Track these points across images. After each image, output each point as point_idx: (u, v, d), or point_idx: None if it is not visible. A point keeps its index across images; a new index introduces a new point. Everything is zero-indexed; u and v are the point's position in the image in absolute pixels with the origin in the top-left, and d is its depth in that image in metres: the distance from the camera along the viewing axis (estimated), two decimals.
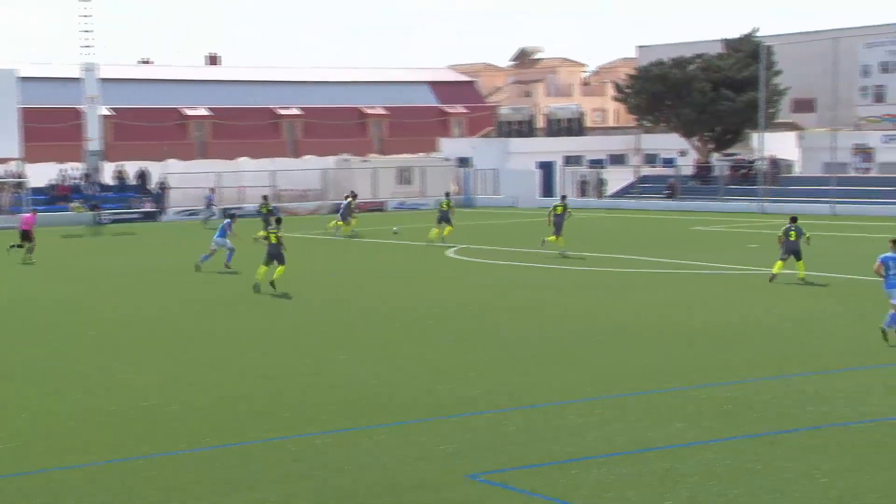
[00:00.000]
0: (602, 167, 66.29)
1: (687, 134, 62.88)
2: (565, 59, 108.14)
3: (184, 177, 58.98)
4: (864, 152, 59.02)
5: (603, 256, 34.38)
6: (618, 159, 70.36)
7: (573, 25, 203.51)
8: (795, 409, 14.38)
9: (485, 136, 79.18)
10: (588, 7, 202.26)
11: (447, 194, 44.00)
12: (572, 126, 71.96)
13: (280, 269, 26.78)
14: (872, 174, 57.54)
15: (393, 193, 64.83)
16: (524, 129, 71.76)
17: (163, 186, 58.12)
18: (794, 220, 28.93)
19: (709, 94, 60.43)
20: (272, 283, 26.66)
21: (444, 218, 40.32)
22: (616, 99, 68.14)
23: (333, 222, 45.07)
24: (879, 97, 60.48)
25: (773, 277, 27.73)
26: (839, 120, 57.18)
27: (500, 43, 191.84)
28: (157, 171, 59.95)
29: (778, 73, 60.99)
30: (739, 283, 27.62)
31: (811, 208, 50.72)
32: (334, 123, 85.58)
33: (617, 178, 64.44)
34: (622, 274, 30.06)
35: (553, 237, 35.86)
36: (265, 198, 45.18)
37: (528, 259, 34.09)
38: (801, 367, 17.02)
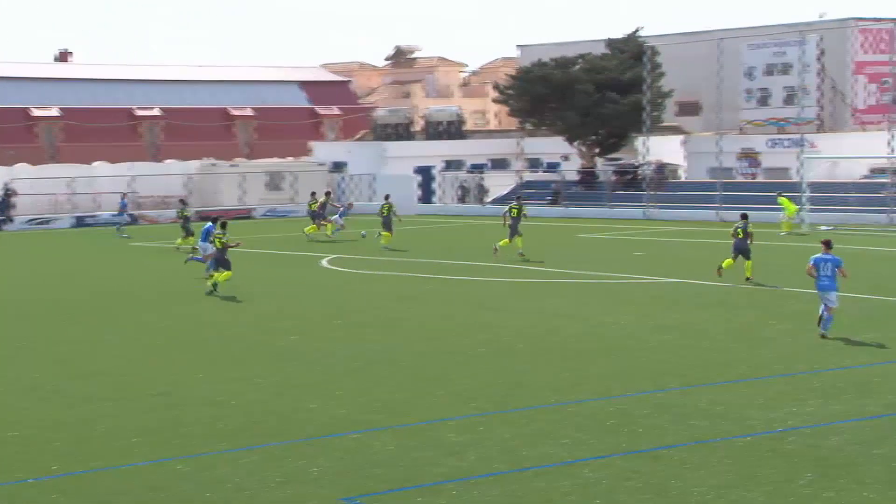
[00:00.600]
0: (483, 172, 66.85)
1: (571, 137, 63.80)
2: (444, 59, 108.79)
3: (32, 183, 57.55)
4: (750, 157, 60.65)
5: (484, 266, 34.67)
6: (499, 164, 71.03)
7: (452, 23, 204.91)
8: (678, 423, 14.73)
9: (360, 139, 79.12)
10: (467, 4, 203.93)
11: (387, 197, 44.69)
12: (452, 129, 72.39)
13: (226, 273, 28.24)
14: (759, 179, 59.17)
15: (262, 200, 64.37)
16: (401, 131, 71.92)
17: (8, 193, 56.65)
18: (744, 217, 29.83)
19: (593, 97, 61.43)
20: (214, 285, 28.24)
21: (386, 223, 41.32)
22: (497, 101, 68.78)
23: (310, 227, 44.09)
24: (764, 100, 62.24)
25: (720, 270, 29.12)
26: (724, 123, 58.67)
27: (376, 41, 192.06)
28: (3, 176, 58.44)
29: (662, 74, 62.30)
30: (624, 292, 28.15)
31: (697, 214, 51.94)
32: (198, 125, 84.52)
33: (499, 184, 65.05)
34: (503, 284, 30.37)
35: (506, 241, 36.49)
36: (183, 202, 44.30)
37: (405, 269, 34.22)
38: (682, 381, 17.44)
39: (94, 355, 20.44)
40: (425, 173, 66.56)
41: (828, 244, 21.23)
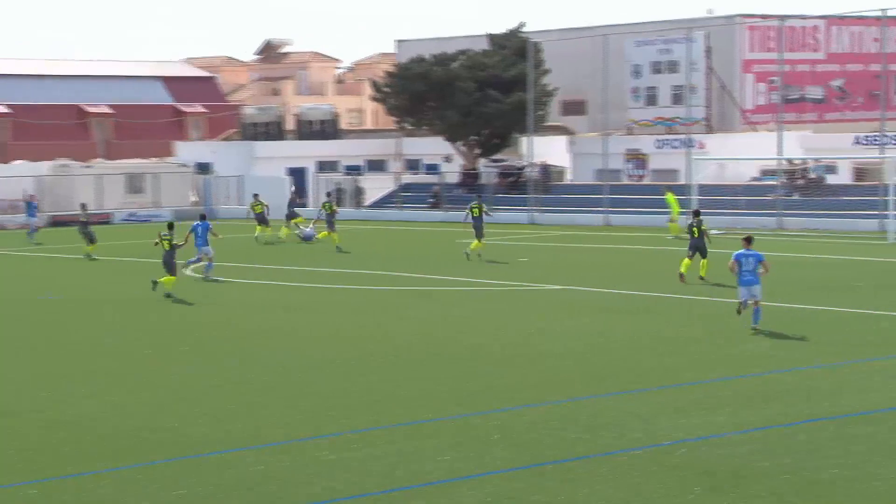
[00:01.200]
0: (360, 174, 66.76)
1: (451, 138, 64.10)
2: (317, 54, 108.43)
3: None
4: (638, 158, 61.64)
5: (362, 273, 34.61)
6: (377, 165, 71.00)
7: (325, 17, 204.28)
8: (584, 434, 14.85)
9: (227, 138, 78.38)
10: None
11: (328, 195, 45.75)
12: (326, 128, 72.16)
13: (171, 278, 29.51)
14: (647, 181, 60.14)
15: (122, 204, 63.32)
16: (272, 131, 71.44)
17: None
18: (696, 214, 30.66)
19: (474, 95, 61.80)
20: (155, 283, 29.45)
21: (329, 223, 42.67)
22: (374, 99, 68.80)
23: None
24: (651, 99, 63.31)
25: (682, 277, 29.46)
26: (611, 123, 59.53)
27: (244, 35, 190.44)
28: None
29: (546, 72, 62.97)
30: (509, 299, 28.33)
31: (584, 218, 52.60)
32: (50, 123, 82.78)
33: (376, 186, 65.04)
34: (382, 292, 30.34)
35: (476, 243, 37.48)
36: (83, 206, 44.64)
37: (278, 277, 33.96)
38: (589, 390, 17.58)
39: None
40: (298, 175, 66.20)
41: (749, 240, 22.97)
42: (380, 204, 63.50)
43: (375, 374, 19.14)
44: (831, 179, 53.34)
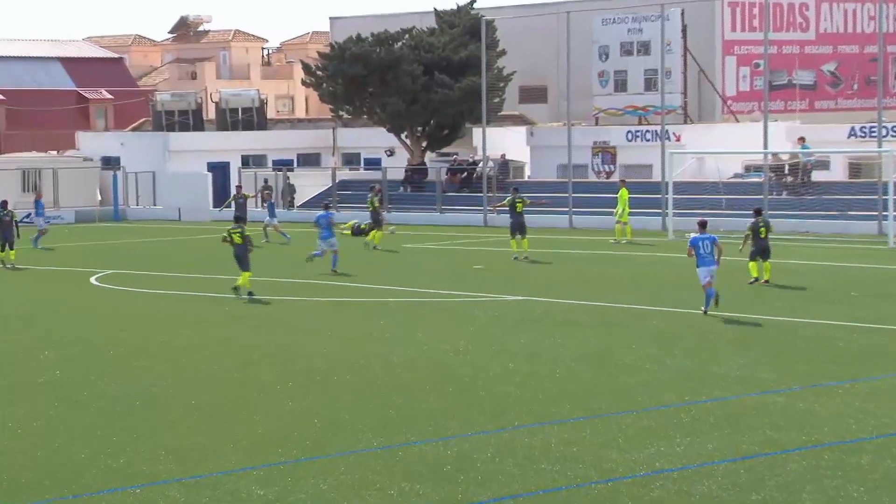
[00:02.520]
0: (290, 169, 66.66)
1: (395, 129, 64.16)
2: (240, 33, 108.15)
3: None
4: (606, 152, 61.97)
5: (293, 282, 34.59)
6: (310, 159, 70.92)
7: None
8: (525, 467, 14.95)
9: (137, 128, 77.98)
10: None
11: (373, 188, 48.11)
12: (251, 117, 71.99)
13: (247, 274, 30.89)
14: (616, 178, 60.46)
15: (16, 204, 62.61)
16: (189, 120, 71.18)
17: None
18: (759, 212, 32.38)
19: (420, 80, 61.93)
20: (236, 288, 30.67)
21: (374, 218, 44.26)
22: (306, 84, 68.64)
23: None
24: (621, 85, 63.61)
25: (754, 281, 31.27)
26: (575, 112, 59.80)
27: (155, 10, 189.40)
28: None
29: (502, 54, 63.18)
30: (461, 312, 28.44)
31: (546, 220, 52.81)
32: None
33: (309, 184, 64.97)
34: (316, 304, 30.39)
35: (518, 240, 39.40)
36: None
37: (193, 287, 33.91)
38: (529, 417, 17.69)
39: None
40: (220, 171, 65.96)
41: (703, 224, 27.92)
42: (313, 203, 63.39)
43: (311, 398, 19.16)
44: (823, 176, 53.84)
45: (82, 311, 29.63)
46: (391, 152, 67.34)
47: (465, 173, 61.84)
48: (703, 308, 26.87)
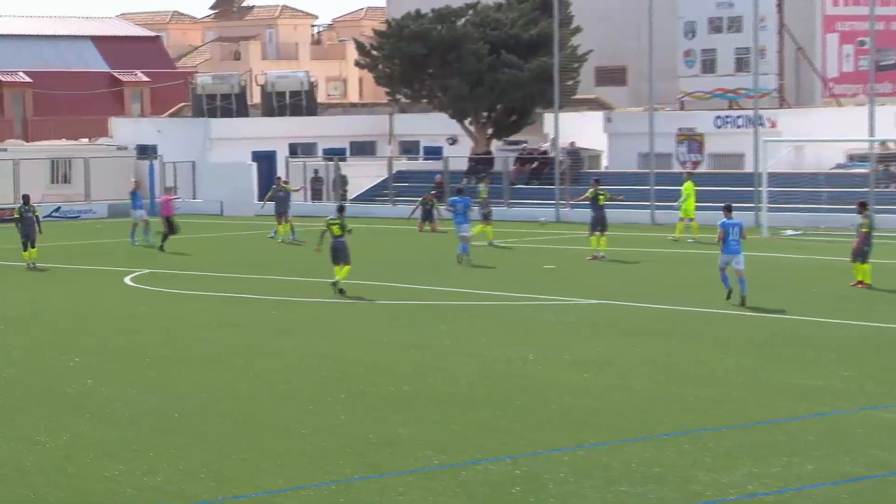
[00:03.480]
0: (342, 159, 66.82)
1: (458, 114, 64.12)
2: (287, 8, 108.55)
3: None
4: (692, 139, 61.61)
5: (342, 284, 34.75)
6: (364, 148, 71.03)
7: None
8: (602, 489, 14.87)
9: (176, 114, 78.46)
10: None
11: (483, 177, 48.68)
12: (300, 102, 72.25)
13: (346, 267, 31.90)
14: (703, 169, 60.10)
15: (44, 196, 63.34)
16: (232, 105, 71.52)
17: None
18: (863, 205, 32.55)
19: (486, 60, 61.83)
20: (334, 284, 31.59)
21: (485, 214, 45.02)
22: (360, 65, 68.78)
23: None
24: (709, 65, 63.23)
25: (857, 283, 31.51)
26: (658, 96, 59.49)
27: None
28: None
29: (577, 31, 63.00)
30: (529, 317, 28.37)
31: (626, 215, 52.53)
32: None
33: (363, 175, 65.06)
34: (368, 307, 30.42)
35: (597, 238, 39.85)
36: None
37: (234, 288, 34.05)
38: (607, 434, 17.60)
39: None
40: (265, 161, 66.21)
41: (729, 208, 30.07)
42: (367, 197, 63.53)
43: (362, 412, 19.16)
44: None
45: (115, 315, 29.81)
46: (453, 140, 67.30)
47: (536, 163, 61.69)
48: (726, 291, 28.98)
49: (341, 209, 33.67)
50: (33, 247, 39.85)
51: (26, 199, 41.43)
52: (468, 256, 38.24)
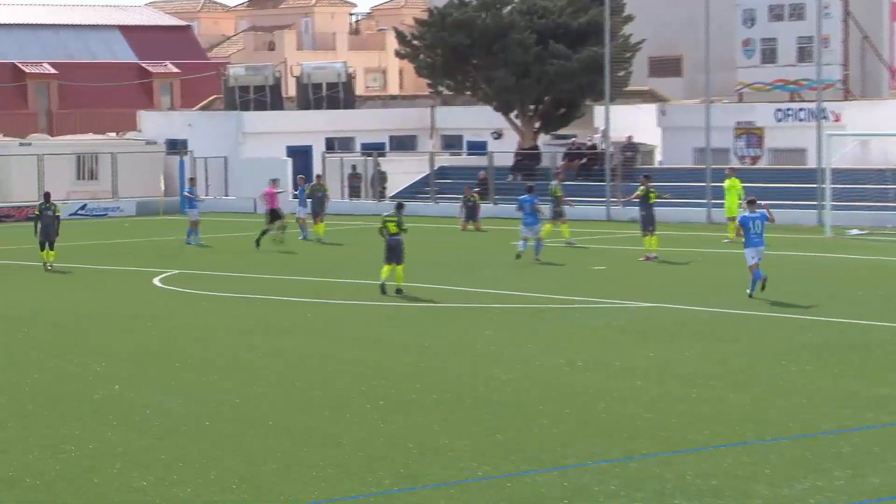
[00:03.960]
0: (381, 154, 66.89)
1: (503, 107, 64.08)
2: None
3: None
4: (751, 133, 61.39)
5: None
6: (404, 143, 71.06)
7: None
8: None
9: (207, 107, 78.71)
10: None
11: (556, 174, 49.30)
12: (337, 94, 72.35)
13: (399, 267, 32.20)
14: (763, 165, 59.91)
15: (69, 193, 63.70)
16: (266, 97, 71.70)
17: None
18: None
19: (533, 50, 61.77)
20: (398, 290, 31.91)
21: (556, 212, 44.83)
22: (400, 55, 68.86)
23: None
24: (769, 55, 62.93)
25: None
26: (715, 87, 59.31)
27: None
28: None
29: (629, 19, 62.85)
30: (578, 321, 28.34)
31: (679, 214, 52.39)
32: None
33: (403, 171, 65.07)
34: (407, 309, 30.44)
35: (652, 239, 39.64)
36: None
37: (270, 290, 34.14)
38: (660, 444, 17.57)
39: None
40: (301, 156, 66.32)
41: (753, 202, 31.21)
42: (407, 194, 63.52)
43: (402, 420, 19.18)
44: None
45: (143, 317, 29.91)
46: (498, 134, 67.23)
47: (585, 159, 61.55)
48: (748, 291, 30.04)
49: (400, 206, 33.87)
50: (51, 248, 39.46)
51: (47, 196, 41.43)
52: (540, 254, 38.77)
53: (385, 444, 17.79)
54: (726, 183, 46.54)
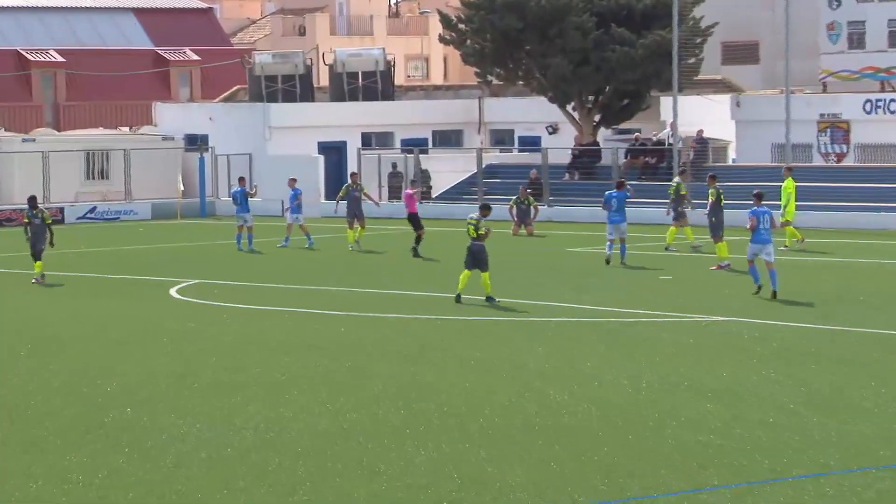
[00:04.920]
0: (424, 151, 66.92)
1: (559, 98, 64.06)
2: None
3: None
4: (837, 127, 61.11)
5: (431, 296, 34.73)
6: (449, 138, 71.09)
7: None
8: None
9: (230, 98, 78.97)
10: None
11: (682, 171, 50.46)
12: (374, 84, 72.43)
13: (485, 274, 33.13)
14: (849, 163, 59.65)
15: (77, 194, 64.02)
16: (295, 87, 71.86)
17: None
18: None
19: (592, 35, 61.75)
20: (488, 297, 32.79)
21: (679, 208, 45.86)
22: (444, 41, 68.93)
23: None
24: (857, 40, 62.75)
25: None
26: (796, 76, 59.18)
27: None
28: None
29: (700, 0, 62.73)
30: (641, 336, 28.31)
31: None
32: None
33: (448, 169, 65.09)
34: (452, 323, 30.52)
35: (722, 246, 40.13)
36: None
37: (299, 301, 34.22)
38: (733, 475, 17.54)
39: None
40: (334, 153, 66.46)
41: (760, 196, 33.73)
42: (453, 195, 63.56)
43: (446, 445, 19.19)
44: None
45: (158, 332, 29.98)
46: (554, 129, 67.27)
47: (651, 156, 61.46)
48: (755, 286, 32.98)
49: (484, 208, 34.42)
50: (38, 258, 38.96)
51: (32, 201, 40.21)
52: (624, 261, 40.19)
53: (426, 472, 17.79)
54: (785, 183, 46.04)
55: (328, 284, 37.85)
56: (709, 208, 41.15)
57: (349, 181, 50.15)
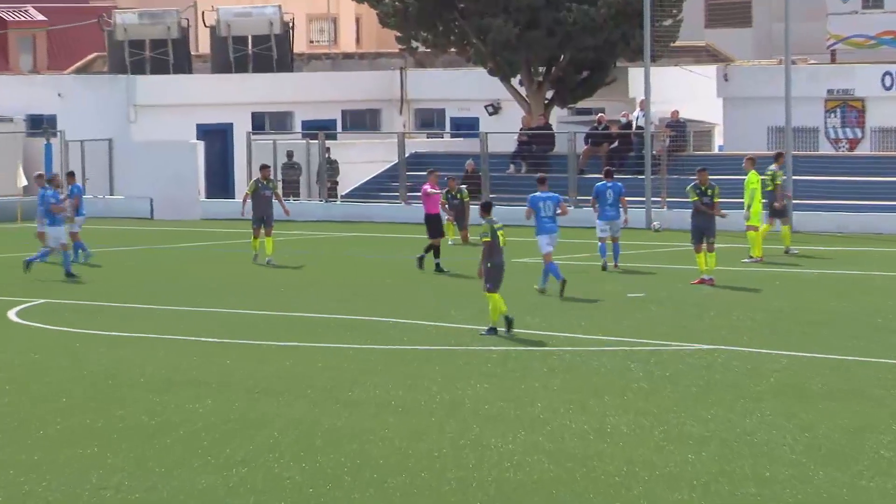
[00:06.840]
0: (332, 136, 66.87)
1: (502, 70, 64.14)
2: None
3: None
4: (849, 106, 61.47)
5: (332, 318, 34.79)
6: (363, 120, 71.16)
7: None
8: None
9: (85, 69, 78.68)
10: None
11: (778, 156, 49.21)
12: (268, 52, 72.33)
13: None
14: (864, 151, 59.98)
15: None
16: (167, 56, 71.69)
17: None
18: None
19: None
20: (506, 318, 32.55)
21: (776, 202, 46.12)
22: None
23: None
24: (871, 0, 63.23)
25: None
26: (798, 43, 59.50)
27: None
28: None
29: None
30: (604, 369, 28.43)
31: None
32: None
33: (362, 159, 65.07)
34: (364, 353, 30.53)
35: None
36: None
37: (175, 327, 34.20)
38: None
39: None
40: (217, 138, 66.38)
41: (543, 181, 40.11)
42: (368, 191, 63.55)
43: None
44: None
45: None
46: (495, 108, 67.43)
47: (616, 142, 61.60)
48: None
49: (485, 207, 34.40)
50: None
51: None
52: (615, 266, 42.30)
53: None
54: (748, 177, 45.71)
55: (214, 305, 37.75)
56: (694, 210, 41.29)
57: (259, 175, 48.50)
